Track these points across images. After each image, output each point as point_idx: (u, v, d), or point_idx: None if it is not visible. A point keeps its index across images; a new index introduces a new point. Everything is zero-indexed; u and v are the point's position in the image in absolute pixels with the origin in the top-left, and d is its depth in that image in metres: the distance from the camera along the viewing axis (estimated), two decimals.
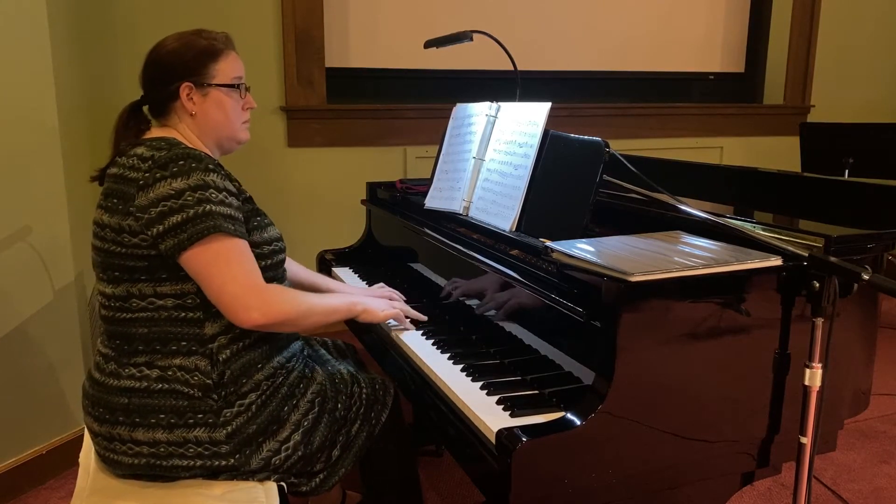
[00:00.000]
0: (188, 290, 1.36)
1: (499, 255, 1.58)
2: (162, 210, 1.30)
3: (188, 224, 1.30)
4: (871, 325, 1.45)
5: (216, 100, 1.49)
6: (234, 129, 1.53)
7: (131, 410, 1.36)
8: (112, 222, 1.35)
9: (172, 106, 1.48)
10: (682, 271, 1.20)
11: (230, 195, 1.37)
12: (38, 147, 2.17)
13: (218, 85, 1.48)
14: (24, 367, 2.19)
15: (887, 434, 2.60)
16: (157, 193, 1.31)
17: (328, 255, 2.44)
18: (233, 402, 1.38)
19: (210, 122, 1.49)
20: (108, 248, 1.37)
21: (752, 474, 1.40)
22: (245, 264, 1.35)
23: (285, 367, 1.49)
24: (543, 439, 1.12)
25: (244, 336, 1.41)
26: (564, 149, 1.58)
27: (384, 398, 1.61)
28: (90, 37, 2.73)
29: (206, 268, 1.32)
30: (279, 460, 1.41)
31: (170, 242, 1.31)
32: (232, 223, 1.34)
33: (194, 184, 1.31)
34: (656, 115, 3.94)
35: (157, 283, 1.36)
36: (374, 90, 3.57)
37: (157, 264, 1.34)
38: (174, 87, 1.45)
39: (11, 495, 2.16)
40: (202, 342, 1.37)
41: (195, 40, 1.48)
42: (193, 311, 1.37)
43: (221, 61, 1.49)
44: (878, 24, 4.38)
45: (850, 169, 3.11)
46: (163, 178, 1.31)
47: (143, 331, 1.37)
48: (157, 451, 1.36)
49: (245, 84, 1.54)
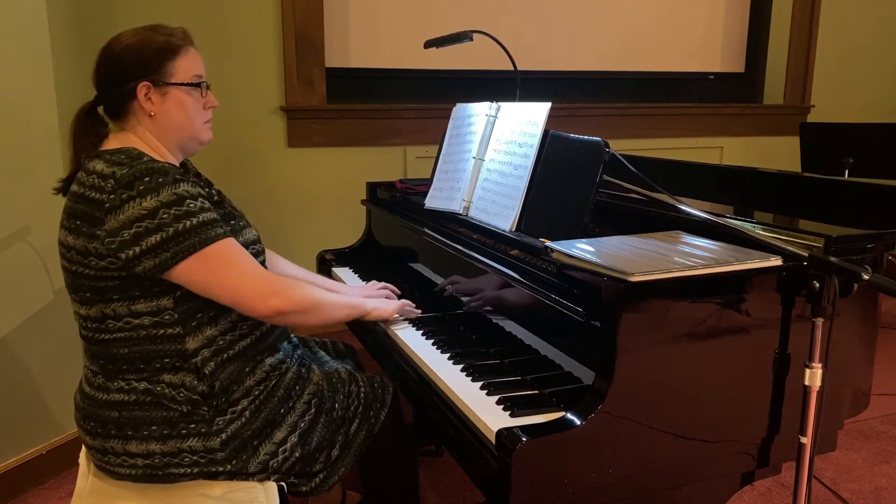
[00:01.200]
0: (164, 305, 1.33)
1: (499, 255, 1.58)
2: (137, 231, 1.25)
3: (170, 243, 1.26)
4: (871, 325, 1.45)
5: (176, 99, 1.41)
6: (196, 129, 1.45)
7: (122, 424, 1.35)
8: (77, 245, 1.30)
9: (129, 106, 1.40)
10: (682, 271, 1.20)
11: (204, 199, 1.33)
12: (38, 147, 2.17)
13: (177, 84, 1.40)
14: (24, 367, 2.19)
15: (887, 434, 2.60)
16: (127, 215, 1.25)
17: (328, 255, 2.44)
18: (224, 411, 1.38)
19: (170, 122, 1.41)
20: (75, 270, 1.33)
21: (752, 474, 1.40)
22: (246, 259, 1.35)
23: (278, 370, 1.48)
24: (543, 439, 1.12)
25: (228, 347, 1.39)
26: (564, 149, 1.58)
27: (383, 397, 1.61)
28: (90, 37, 2.73)
29: (212, 275, 1.30)
30: (276, 463, 1.41)
31: (149, 263, 1.26)
32: (218, 227, 1.32)
33: (167, 200, 1.26)
34: (656, 115, 3.94)
35: (131, 302, 1.32)
36: (374, 90, 3.57)
37: (130, 283, 1.30)
38: (131, 87, 1.37)
39: (11, 495, 2.16)
40: (185, 357, 1.35)
41: (152, 36, 1.40)
42: (172, 326, 1.34)
43: (180, 59, 1.41)
44: (878, 24, 4.38)
45: (850, 169, 3.11)
46: (130, 198, 1.25)
47: (124, 351, 1.34)
48: (152, 462, 1.35)
49: (206, 82, 1.46)
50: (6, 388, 2.15)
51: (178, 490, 1.38)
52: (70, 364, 2.30)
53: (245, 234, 1.47)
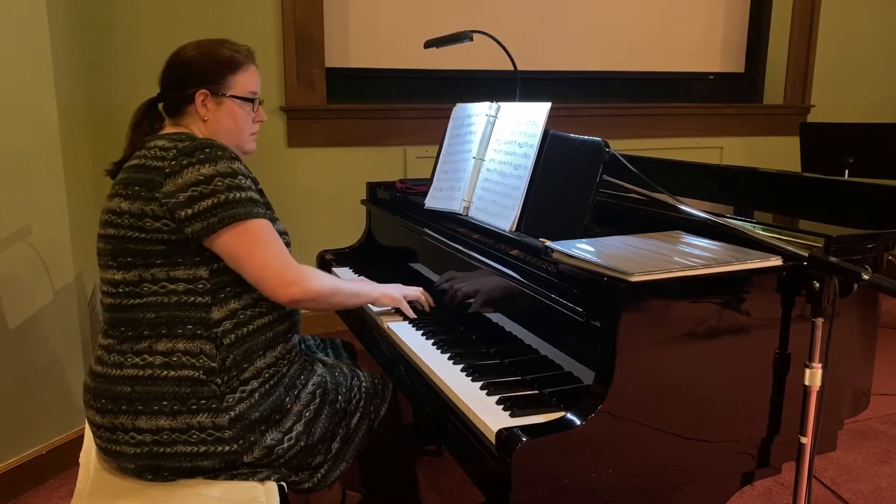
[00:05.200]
0: (200, 275, 1.40)
1: (499, 255, 1.58)
2: (192, 195, 1.34)
3: (219, 209, 1.35)
4: (871, 325, 1.45)
5: (229, 110, 1.54)
6: (243, 139, 1.58)
7: (134, 399, 1.38)
8: (133, 208, 1.38)
9: (187, 108, 1.52)
10: (682, 271, 1.20)
11: (254, 182, 1.44)
12: (38, 147, 2.17)
13: (233, 96, 1.53)
14: (24, 366, 2.19)
15: (887, 434, 2.60)
16: (185, 179, 1.35)
17: (328, 255, 2.45)
18: (235, 388, 1.41)
19: (220, 129, 1.53)
20: (124, 235, 1.39)
21: (752, 474, 1.40)
22: (280, 244, 1.43)
23: (286, 358, 1.51)
24: (543, 439, 1.12)
25: (249, 322, 1.45)
26: (564, 149, 1.58)
27: (383, 392, 1.63)
28: (90, 36, 2.74)
29: (245, 249, 1.38)
30: (282, 450, 1.43)
31: (198, 226, 1.35)
32: (261, 207, 1.41)
33: (223, 170, 1.36)
34: (656, 115, 3.94)
35: (171, 268, 1.39)
36: (374, 90, 3.57)
37: (175, 248, 1.38)
38: (190, 92, 1.50)
39: (11, 495, 2.16)
40: (207, 326, 1.40)
41: (219, 49, 1.53)
42: (203, 295, 1.40)
43: (241, 74, 1.54)
44: (878, 24, 4.38)
45: (850, 169, 3.11)
46: (190, 164, 1.36)
47: (151, 315, 1.40)
48: (160, 439, 1.37)
49: (259, 98, 1.59)
50: (6, 388, 2.15)
51: (178, 490, 1.38)
52: (70, 364, 2.30)
53: (277, 225, 1.52)
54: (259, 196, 1.44)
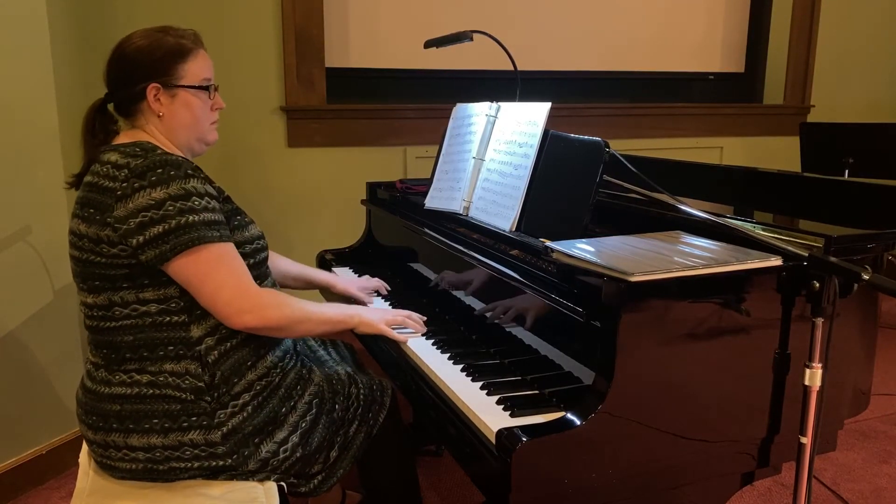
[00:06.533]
0: (171, 294, 1.35)
1: (499, 255, 1.58)
2: (142, 221, 1.28)
3: (170, 235, 1.28)
4: (871, 325, 1.45)
5: (184, 101, 1.44)
6: (203, 130, 1.49)
7: (124, 417, 1.35)
8: (90, 232, 1.33)
9: (139, 106, 1.43)
10: (682, 271, 1.20)
11: (212, 199, 1.35)
12: (38, 147, 2.17)
13: (186, 86, 1.44)
14: (24, 367, 2.19)
15: (887, 434, 2.60)
16: (135, 204, 1.28)
17: (328, 255, 2.44)
18: (226, 403, 1.38)
19: (178, 123, 1.45)
20: (86, 258, 1.35)
21: (752, 474, 1.40)
22: (235, 269, 1.35)
23: (279, 367, 1.48)
24: (543, 439, 1.12)
25: (231, 336, 1.40)
26: (564, 149, 1.58)
27: (382, 399, 1.61)
28: (90, 37, 2.73)
29: (196, 277, 1.31)
30: (277, 462, 1.41)
31: (151, 253, 1.29)
32: (217, 229, 1.33)
33: (175, 193, 1.29)
34: (656, 115, 3.94)
35: (139, 290, 1.34)
36: (374, 90, 3.57)
37: (139, 271, 1.33)
38: (140, 88, 1.41)
39: (11, 495, 2.16)
40: (189, 345, 1.36)
41: (163, 38, 1.42)
42: (178, 314, 1.35)
43: (190, 61, 1.44)
44: (878, 24, 4.37)
45: (850, 169, 3.11)
46: (141, 187, 1.28)
47: (129, 338, 1.36)
48: (153, 456, 1.35)
49: (214, 84, 1.50)
50: (6, 388, 2.15)
51: (178, 490, 1.38)
52: (70, 364, 2.30)
53: (250, 229, 1.47)
54: (219, 212, 1.35)
